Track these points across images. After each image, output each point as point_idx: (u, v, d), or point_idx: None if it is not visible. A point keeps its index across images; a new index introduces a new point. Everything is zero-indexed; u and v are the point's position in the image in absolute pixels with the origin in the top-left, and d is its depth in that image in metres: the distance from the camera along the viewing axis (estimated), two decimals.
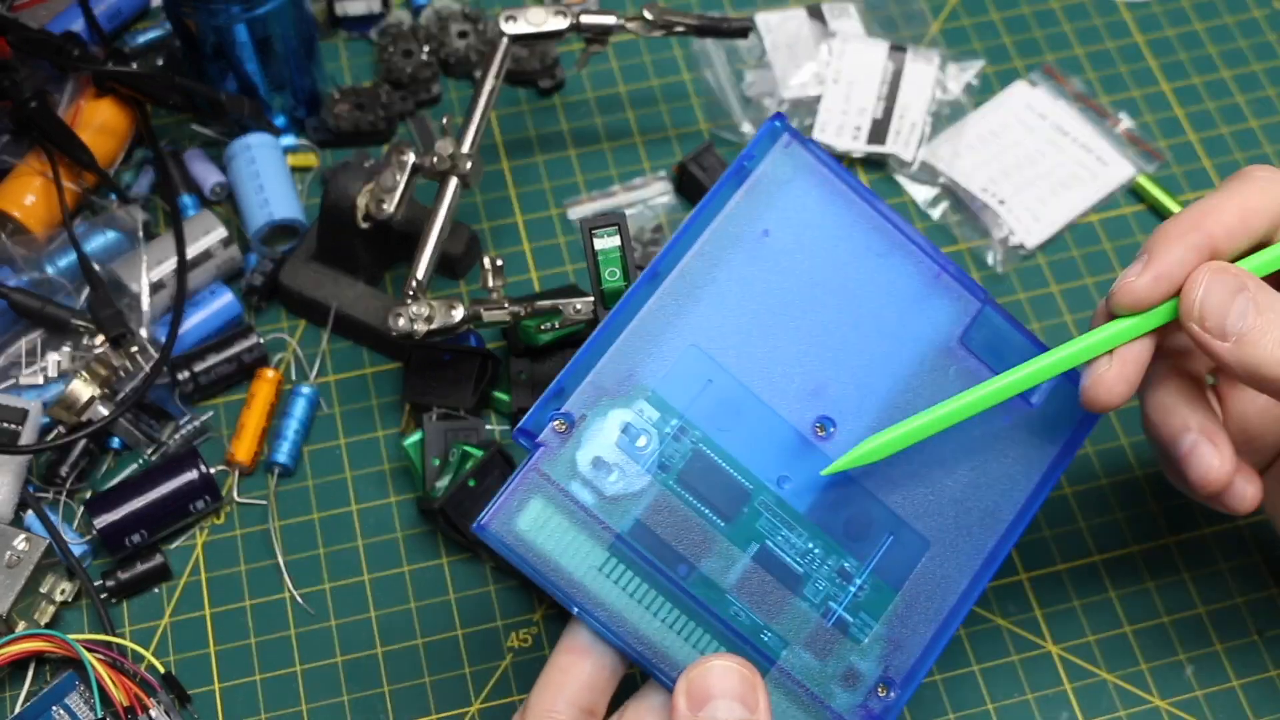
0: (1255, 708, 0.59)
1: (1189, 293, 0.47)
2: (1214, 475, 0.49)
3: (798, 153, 0.50)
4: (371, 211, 0.64)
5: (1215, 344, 0.46)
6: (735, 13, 0.78)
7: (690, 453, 0.47)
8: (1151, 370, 0.51)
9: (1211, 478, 0.49)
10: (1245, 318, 0.46)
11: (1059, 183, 0.72)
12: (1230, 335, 0.46)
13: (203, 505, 0.62)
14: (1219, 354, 0.46)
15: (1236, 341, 0.46)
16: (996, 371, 0.50)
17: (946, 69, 0.75)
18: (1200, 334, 0.47)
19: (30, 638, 0.58)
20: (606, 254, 0.54)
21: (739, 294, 0.49)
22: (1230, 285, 0.46)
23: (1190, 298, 0.47)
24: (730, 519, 0.47)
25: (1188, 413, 0.50)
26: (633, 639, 0.46)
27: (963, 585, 0.49)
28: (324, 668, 0.60)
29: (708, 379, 0.48)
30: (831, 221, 0.50)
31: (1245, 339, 0.46)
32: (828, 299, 0.49)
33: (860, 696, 0.48)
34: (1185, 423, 0.50)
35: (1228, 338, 0.46)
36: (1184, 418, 0.50)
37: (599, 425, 0.47)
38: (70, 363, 0.64)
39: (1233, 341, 0.46)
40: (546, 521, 0.46)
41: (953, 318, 0.50)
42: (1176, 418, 0.50)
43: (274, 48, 0.69)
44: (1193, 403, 0.50)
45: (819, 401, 0.49)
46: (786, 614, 0.47)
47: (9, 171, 0.68)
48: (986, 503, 0.50)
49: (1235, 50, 0.77)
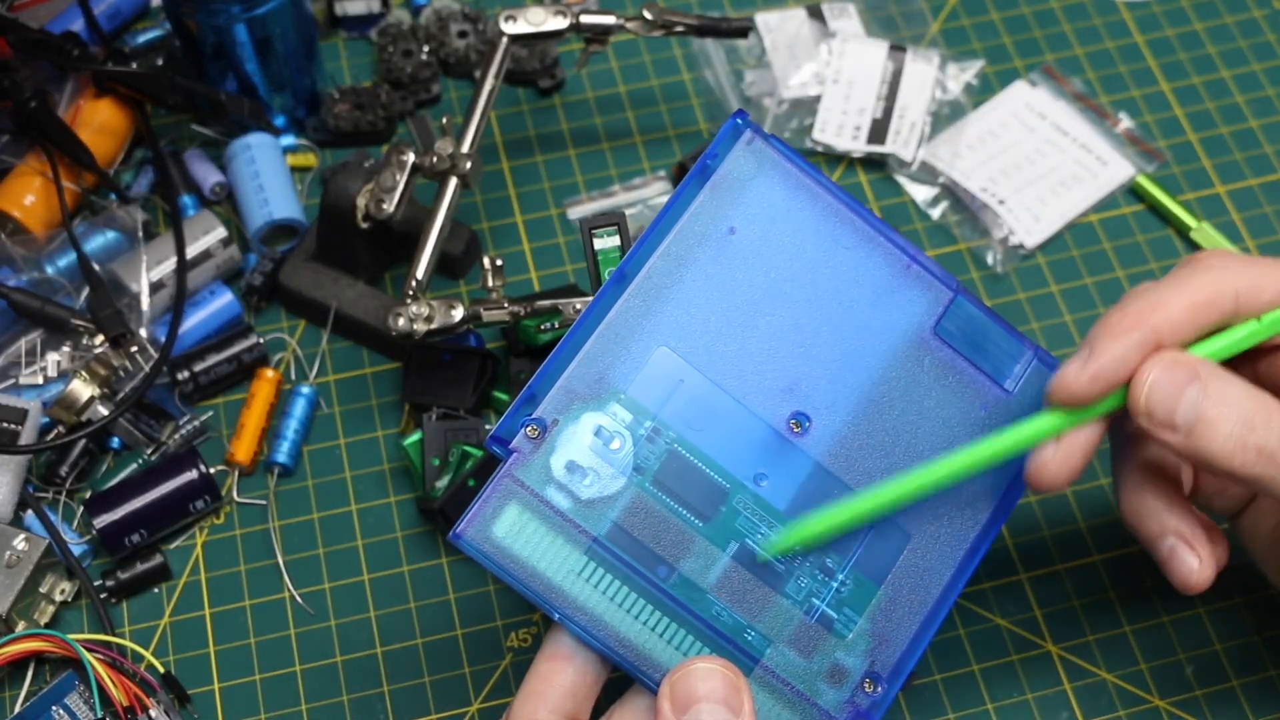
0: (1255, 708, 0.59)
1: (1136, 385, 0.46)
2: (1194, 580, 0.48)
3: (761, 149, 0.49)
4: (371, 211, 0.64)
5: (1166, 436, 0.46)
6: (735, 13, 0.78)
7: (665, 454, 0.47)
8: (1122, 466, 0.50)
9: (1192, 582, 0.49)
10: (1195, 409, 0.45)
11: (1059, 183, 0.72)
12: (1180, 428, 0.45)
13: (202, 505, 0.62)
14: (1170, 445, 0.46)
15: (1186, 434, 0.45)
16: (971, 361, 0.50)
17: (946, 69, 0.75)
18: (1150, 427, 0.46)
19: (30, 638, 0.58)
20: (606, 254, 0.54)
21: (707, 293, 0.48)
22: (1180, 377, 0.45)
23: (1138, 392, 0.46)
24: (708, 518, 0.47)
25: (1164, 516, 0.49)
26: (614, 643, 0.46)
27: (946, 577, 0.49)
28: (324, 667, 0.60)
29: (679, 379, 0.48)
30: (798, 216, 0.49)
31: (1195, 431, 0.45)
32: (797, 294, 0.49)
33: (847, 692, 0.48)
34: (1161, 527, 0.49)
35: (1178, 430, 0.45)
36: (1160, 521, 0.49)
37: (572, 429, 0.46)
38: (70, 363, 0.64)
39: (1183, 434, 0.45)
40: (523, 528, 0.46)
41: (925, 308, 0.50)
42: (1153, 522, 0.49)
43: (274, 48, 0.69)
44: (1168, 503, 0.49)
45: (793, 398, 0.48)
46: (769, 612, 0.47)
47: (9, 171, 0.68)
48: (966, 493, 0.50)
49: (1235, 50, 0.77)
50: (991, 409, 0.50)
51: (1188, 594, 0.49)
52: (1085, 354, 0.46)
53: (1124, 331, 0.46)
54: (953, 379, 0.50)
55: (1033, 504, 0.64)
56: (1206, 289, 0.47)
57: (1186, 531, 0.49)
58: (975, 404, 0.50)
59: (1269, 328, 0.47)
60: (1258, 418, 0.45)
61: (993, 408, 0.50)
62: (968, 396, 0.50)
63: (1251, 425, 0.45)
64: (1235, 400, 0.45)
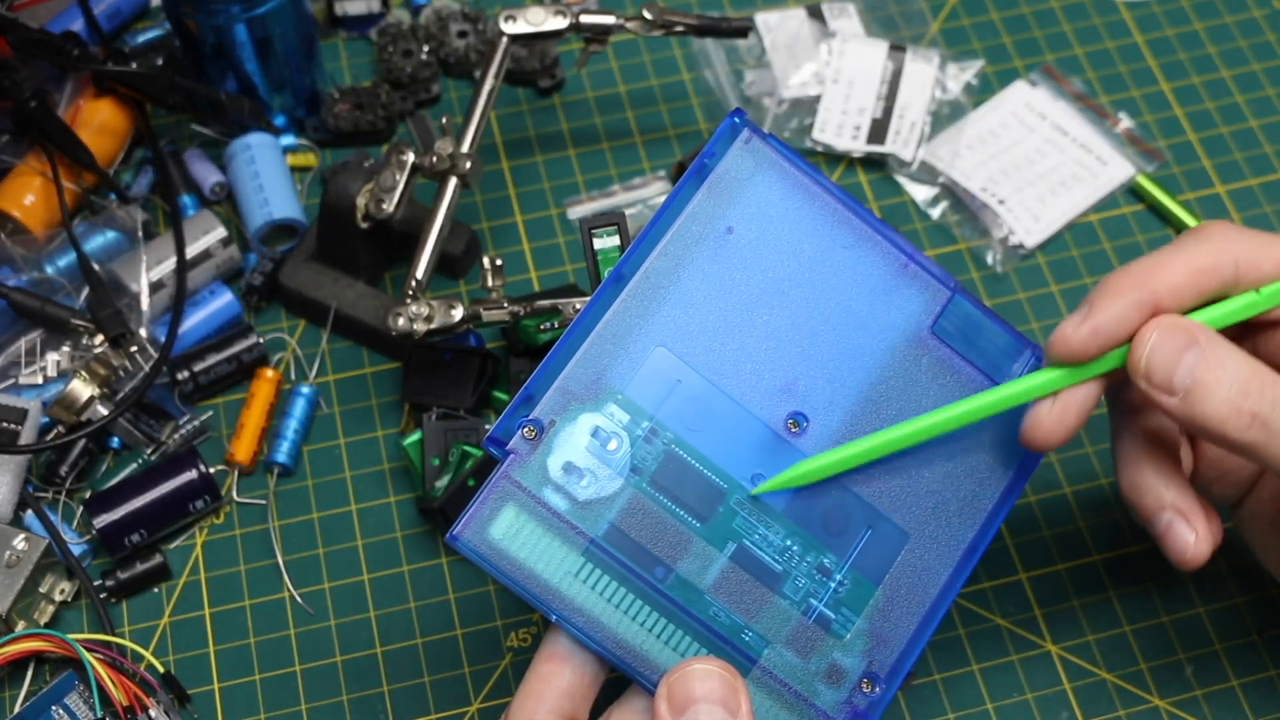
0: (1255, 708, 0.59)
1: (1137, 348, 0.46)
2: (1190, 554, 0.49)
3: (758, 148, 0.49)
4: (371, 211, 0.64)
5: (1163, 399, 0.46)
6: (735, 12, 0.78)
7: (662, 454, 0.47)
8: (1121, 439, 0.50)
9: (1188, 556, 0.49)
10: (1193, 373, 0.45)
11: (1059, 182, 0.72)
12: (1177, 391, 0.46)
13: (202, 505, 0.62)
14: (1167, 408, 0.46)
15: (1183, 397, 0.46)
16: (969, 360, 0.50)
17: (946, 69, 0.75)
18: (1148, 389, 0.46)
19: (30, 637, 0.58)
20: (606, 254, 0.54)
21: (705, 293, 0.48)
22: (1179, 340, 0.46)
23: (1138, 353, 0.46)
24: (706, 519, 0.47)
25: (1161, 490, 0.49)
26: (612, 644, 0.46)
27: (944, 577, 0.49)
28: (324, 667, 0.60)
29: (677, 379, 0.48)
30: (795, 216, 0.49)
31: (1191, 395, 0.45)
32: (795, 294, 0.49)
33: (845, 693, 0.48)
34: (1159, 501, 0.49)
35: (1175, 393, 0.46)
36: (1158, 496, 0.49)
37: (569, 430, 0.46)
38: (70, 362, 0.64)
39: (1179, 397, 0.46)
40: (520, 529, 0.45)
41: (923, 307, 0.50)
42: (1150, 496, 0.49)
43: (274, 48, 0.69)
44: (1166, 477, 0.49)
45: (791, 398, 0.48)
46: (766, 613, 0.47)
47: (9, 171, 0.68)
48: (965, 492, 0.50)
49: (1235, 50, 0.77)
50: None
51: (1184, 569, 0.49)
52: (1084, 311, 0.47)
53: (1123, 291, 0.47)
54: (950, 378, 0.50)
55: (1033, 504, 0.64)
56: (1207, 256, 0.47)
57: (1184, 506, 0.49)
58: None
59: (1268, 299, 0.48)
60: (1253, 385, 0.46)
61: None
62: (965, 395, 0.50)
63: (1246, 392, 0.45)
64: (1232, 366, 0.46)
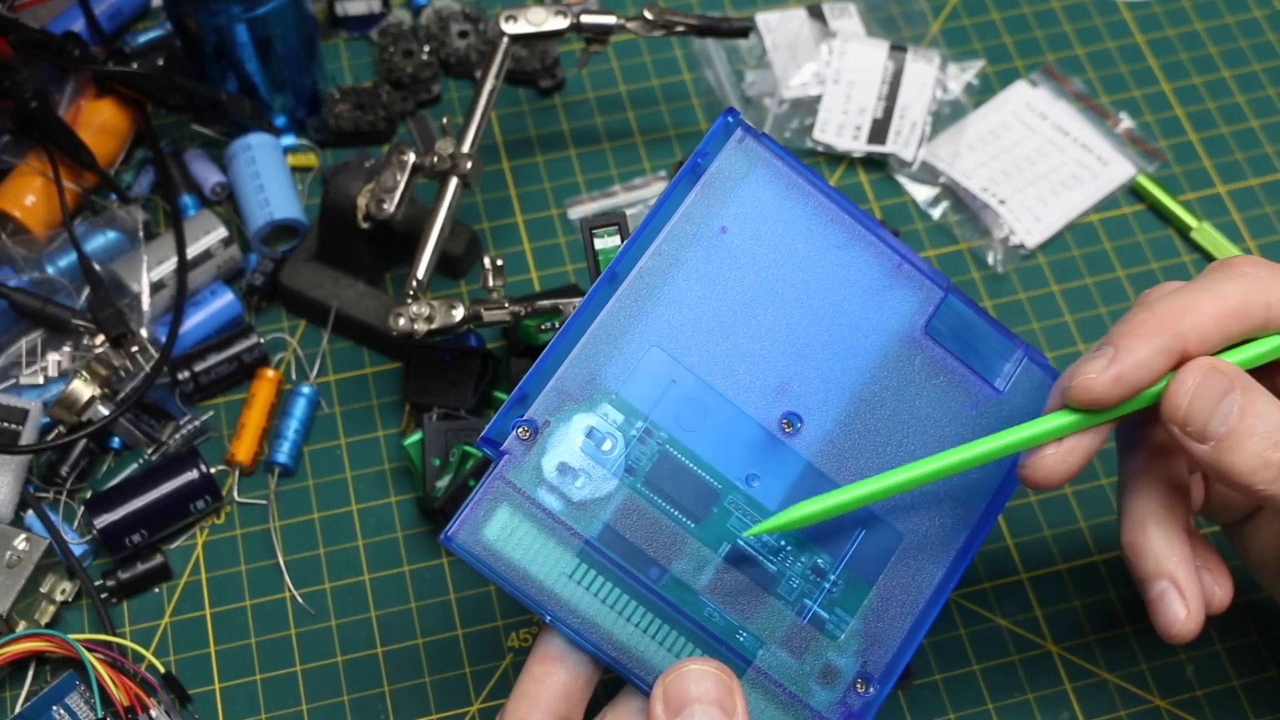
0: (1255, 708, 0.59)
1: (1176, 393, 0.44)
2: (1177, 630, 0.47)
3: (752, 148, 0.49)
4: (372, 211, 0.64)
5: (1194, 447, 0.44)
6: (735, 13, 0.78)
7: (657, 454, 0.47)
8: (1129, 491, 0.49)
9: (1175, 631, 0.47)
10: (1228, 422, 0.44)
11: (1059, 182, 0.72)
12: (1210, 439, 0.44)
13: (203, 505, 0.62)
14: (1196, 456, 0.44)
15: (1215, 446, 0.44)
16: (962, 360, 0.50)
17: (947, 69, 0.75)
18: (1181, 436, 0.44)
19: (30, 638, 0.58)
20: (607, 254, 0.54)
21: (699, 292, 0.48)
22: (1220, 387, 0.44)
23: (1177, 400, 0.44)
24: (700, 520, 0.47)
25: (1162, 558, 0.48)
26: (606, 645, 0.46)
27: (938, 577, 0.49)
28: (324, 667, 0.60)
29: (671, 379, 0.48)
30: (789, 215, 0.49)
31: (1224, 444, 0.44)
32: (789, 294, 0.49)
33: (839, 693, 0.48)
34: (1158, 569, 0.48)
35: (1207, 441, 0.44)
36: (1158, 563, 0.48)
37: (563, 431, 0.46)
38: (70, 363, 0.64)
39: (1211, 445, 0.44)
40: (514, 530, 0.45)
41: (916, 307, 0.50)
42: (1150, 561, 0.48)
43: (274, 48, 0.69)
44: (1170, 541, 0.48)
45: (785, 398, 0.48)
46: (761, 613, 0.47)
47: (9, 171, 0.69)
48: (958, 493, 0.50)
49: (1235, 50, 0.77)
50: (983, 408, 0.50)
51: (1169, 641, 0.48)
52: (1109, 354, 0.45)
53: (1150, 334, 0.45)
54: (944, 378, 0.50)
55: (1033, 504, 0.64)
56: (1238, 296, 0.45)
57: (1182, 578, 0.47)
58: (966, 403, 0.50)
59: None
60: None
61: (984, 406, 0.50)
62: (959, 395, 0.50)
63: (1276, 443, 0.44)
64: (1266, 415, 0.44)
